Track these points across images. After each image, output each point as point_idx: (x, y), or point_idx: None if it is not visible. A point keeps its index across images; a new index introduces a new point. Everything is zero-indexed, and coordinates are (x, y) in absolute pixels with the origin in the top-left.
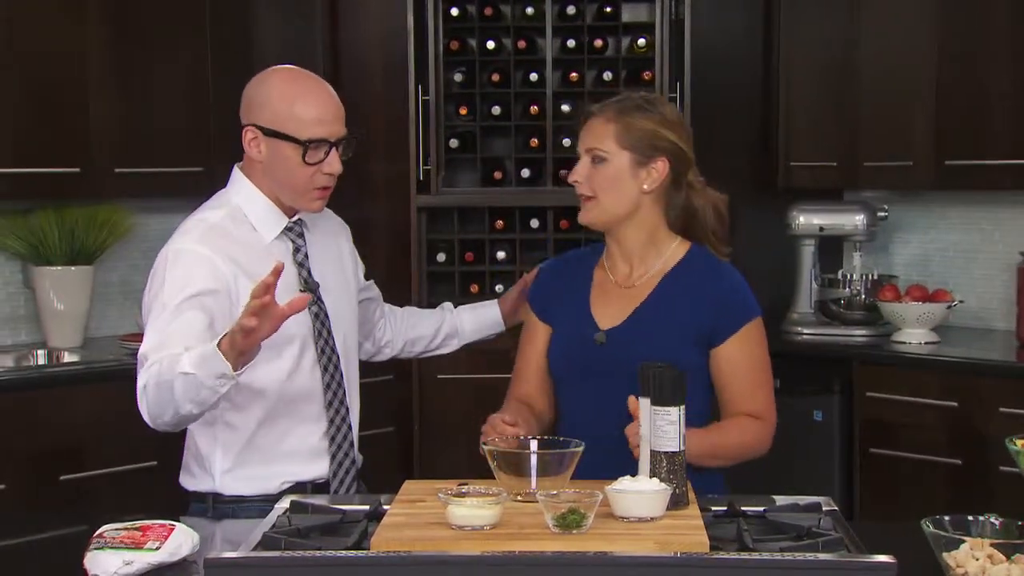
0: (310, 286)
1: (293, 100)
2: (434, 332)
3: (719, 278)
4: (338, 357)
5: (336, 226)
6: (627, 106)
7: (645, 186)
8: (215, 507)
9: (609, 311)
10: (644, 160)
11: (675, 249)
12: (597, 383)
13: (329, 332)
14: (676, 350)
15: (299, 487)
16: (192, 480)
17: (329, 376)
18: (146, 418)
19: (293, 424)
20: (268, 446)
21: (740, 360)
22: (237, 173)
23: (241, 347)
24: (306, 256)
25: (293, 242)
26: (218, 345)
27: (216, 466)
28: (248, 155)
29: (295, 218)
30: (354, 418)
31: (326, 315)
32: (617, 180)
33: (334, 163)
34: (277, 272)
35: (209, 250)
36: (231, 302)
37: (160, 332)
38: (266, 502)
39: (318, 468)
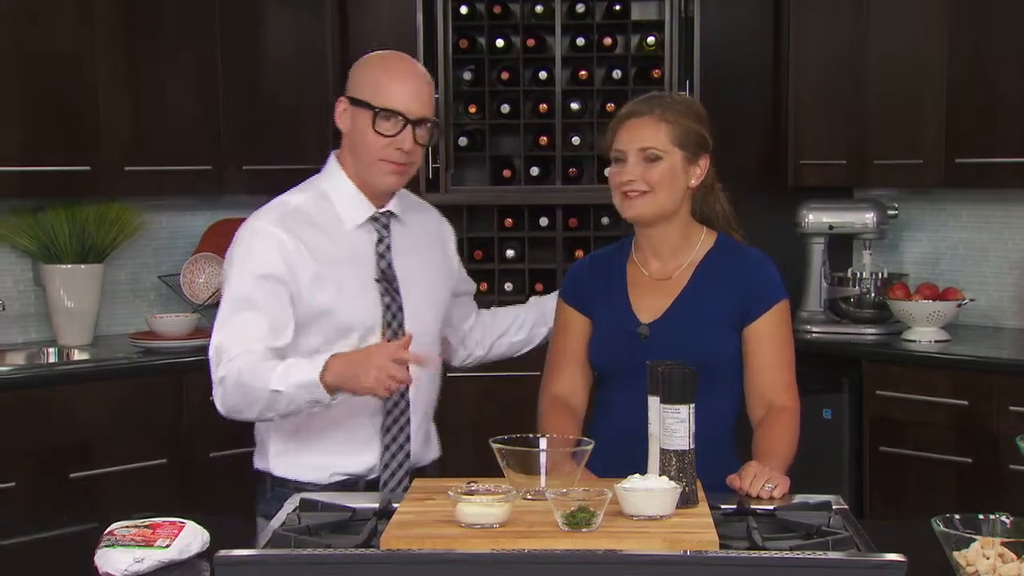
0: (386, 276)
1: (380, 75)
2: (515, 320)
3: (749, 261)
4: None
5: (436, 225)
6: (671, 105)
7: (692, 182)
8: (273, 489)
9: (648, 305)
10: (692, 158)
11: (704, 240)
12: (640, 377)
13: (400, 324)
14: (716, 337)
15: (350, 482)
16: (257, 458)
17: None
18: (220, 409)
19: (349, 412)
20: (322, 432)
21: (768, 337)
22: (331, 159)
23: (348, 388)
24: (388, 247)
25: (378, 232)
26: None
27: (271, 446)
28: (342, 131)
29: (384, 209)
30: (418, 414)
31: (400, 308)
32: (673, 177)
33: (405, 140)
34: (407, 344)
35: (282, 231)
36: (295, 287)
37: (232, 323)
38: (311, 491)
39: (369, 459)
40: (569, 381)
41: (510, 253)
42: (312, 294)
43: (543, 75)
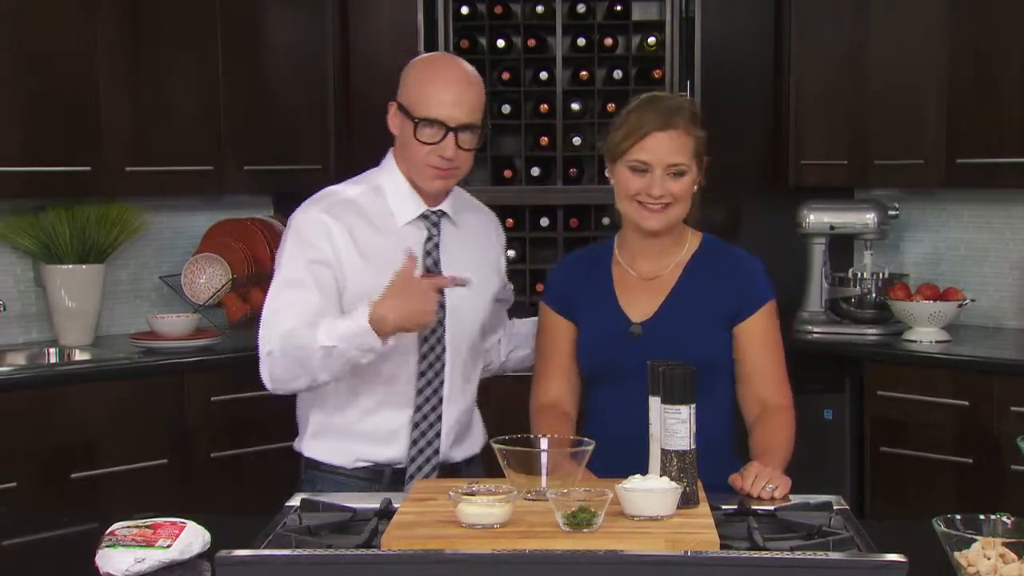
0: (430, 274)
1: (423, 81)
2: (529, 333)
3: (738, 260)
4: (444, 348)
5: (490, 227)
6: (689, 116)
7: (695, 187)
8: (306, 471)
9: (637, 305)
10: (700, 165)
11: (691, 240)
12: (633, 377)
13: (440, 322)
14: (708, 336)
15: (376, 468)
16: (296, 439)
17: (427, 364)
18: (268, 383)
19: (381, 403)
20: (353, 420)
21: (761, 337)
22: (388, 155)
23: (402, 324)
24: (436, 246)
25: (428, 229)
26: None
27: (308, 428)
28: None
29: (436, 208)
30: (452, 413)
31: (441, 306)
32: (691, 188)
33: (446, 147)
34: (411, 259)
35: (330, 219)
36: (340, 273)
37: (279, 300)
38: (340, 475)
39: (396, 450)
40: (557, 389)
41: (511, 253)
42: (354, 284)
43: (544, 75)
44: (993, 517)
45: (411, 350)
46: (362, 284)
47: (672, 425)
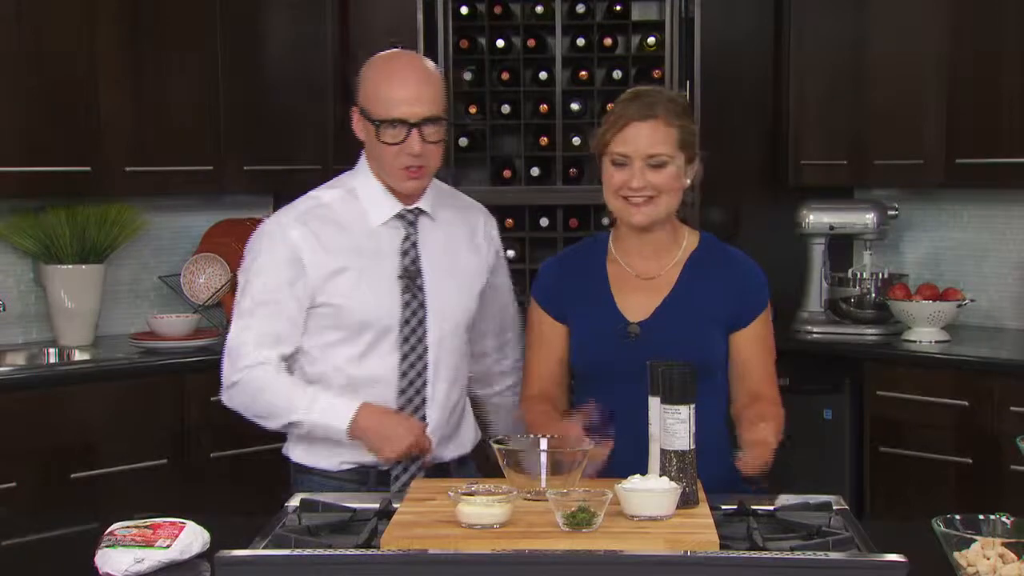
0: (408, 274)
1: (378, 82)
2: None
3: (737, 264)
4: (425, 348)
5: (475, 221)
6: (670, 106)
7: (687, 181)
8: (295, 475)
9: (635, 304)
10: (691, 159)
11: (689, 239)
12: (630, 377)
13: (420, 322)
14: (706, 336)
15: (362, 470)
16: (285, 444)
17: (408, 365)
18: (226, 402)
19: None
20: None
21: (761, 340)
22: (362, 157)
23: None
24: (413, 245)
25: (404, 229)
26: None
27: (293, 431)
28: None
29: (413, 206)
30: (436, 411)
31: (421, 305)
32: (677, 180)
33: (412, 144)
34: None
35: (301, 228)
36: (313, 283)
37: (250, 324)
38: (327, 478)
39: None
40: (546, 385)
41: (511, 253)
42: (328, 290)
43: (543, 75)
44: (993, 517)
45: (393, 351)
46: (337, 289)
47: (672, 425)
